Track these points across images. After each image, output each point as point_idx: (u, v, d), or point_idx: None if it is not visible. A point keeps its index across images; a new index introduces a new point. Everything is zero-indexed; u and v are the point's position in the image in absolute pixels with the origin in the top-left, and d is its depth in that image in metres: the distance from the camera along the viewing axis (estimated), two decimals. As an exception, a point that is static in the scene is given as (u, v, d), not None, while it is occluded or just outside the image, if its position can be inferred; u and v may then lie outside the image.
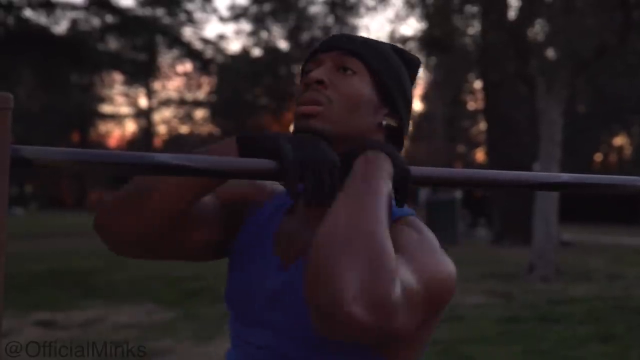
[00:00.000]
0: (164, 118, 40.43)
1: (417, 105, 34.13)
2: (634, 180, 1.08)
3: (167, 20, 27.96)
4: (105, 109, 38.61)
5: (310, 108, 1.04)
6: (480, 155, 33.22)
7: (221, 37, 41.08)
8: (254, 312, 1.07)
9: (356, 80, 1.07)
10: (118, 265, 9.48)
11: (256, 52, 34.16)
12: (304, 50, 31.44)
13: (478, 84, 21.65)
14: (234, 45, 61.94)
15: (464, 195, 18.24)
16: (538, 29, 12.30)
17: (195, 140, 36.85)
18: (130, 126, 48.06)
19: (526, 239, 11.77)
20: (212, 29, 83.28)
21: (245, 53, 34.05)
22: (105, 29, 21.11)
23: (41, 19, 18.58)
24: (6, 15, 16.74)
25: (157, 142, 38.55)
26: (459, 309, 6.52)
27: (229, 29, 70.37)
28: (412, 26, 56.73)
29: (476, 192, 18.81)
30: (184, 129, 40.01)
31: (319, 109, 1.03)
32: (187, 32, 32.32)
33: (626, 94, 22.94)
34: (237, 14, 31.45)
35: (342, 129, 1.04)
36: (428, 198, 17.04)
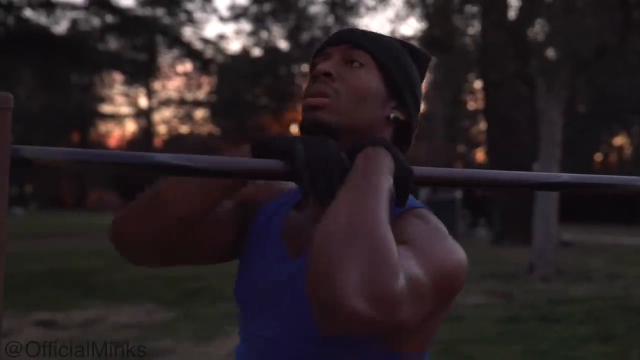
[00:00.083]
0: (164, 118, 40.52)
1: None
2: (634, 180, 1.08)
3: (167, 20, 28.00)
4: (105, 109, 38.70)
5: (317, 100, 1.04)
6: (480, 155, 33.24)
7: (221, 37, 41.25)
8: (261, 305, 1.07)
9: (363, 72, 1.07)
10: (118, 265, 9.47)
11: (256, 52, 34.24)
12: (304, 50, 31.48)
13: (478, 84, 21.65)
14: (234, 45, 62.04)
15: (464, 195, 18.24)
16: (538, 29, 12.30)
17: (195, 140, 36.87)
18: (130, 126, 48.09)
19: (526, 239, 11.76)
20: (212, 29, 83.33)
21: (245, 53, 34.09)
22: (105, 29, 21.12)
23: (41, 19, 18.61)
24: (6, 15, 16.75)
25: (157, 142, 38.59)
26: (459, 309, 6.52)
27: (229, 29, 70.39)
28: (412, 26, 56.84)
29: (476, 192, 18.80)
30: (184, 129, 40.08)
31: (326, 100, 1.04)
32: (187, 32, 32.44)
33: (626, 94, 22.93)
34: (237, 14, 31.50)
35: (349, 121, 1.04)
36: (428, 198, 17.02)
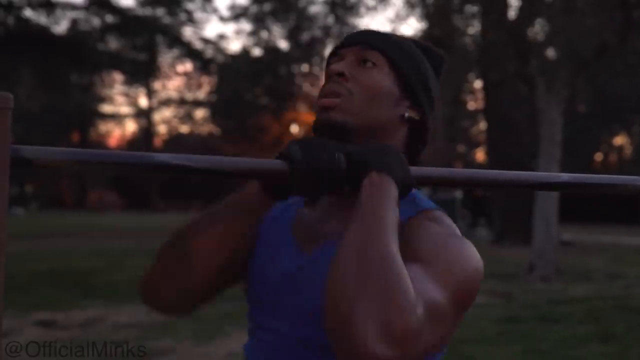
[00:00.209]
0: (164, 118, 40.55)
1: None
2: (634, 180, 1.08)
3: (167, 20, 27.93)
4: (105, 108, 38.74)
5: (329, 100, 1.05)
6: (480, 155, 33.21)
7: (221, 37, 41.15)
8: (270, 297, 1.07)
9: (376, 72, 1.08)
10: (118, 265, 9.48)
11: (256, 52, 34.23)
12: (304, 50, 31.49)
13: (478, 84, 21.62)
14: (234, 45, 62.11)
15: (464, 195, 18.23)
16: (538, 29, 12.30)
17: (195, 140, 36.88)
18: (130, 126, 48.09)
19: (526, 239, 11.76)
20: (212, 28, 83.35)
21: (245, 53, 34.08)
22: (105, 29, 21.07)
23: (41, 19, 18.56)
24: (6, 15, 16.72)
25: (157, 142, 38.61)
26: (459, 309, 6.51)
27: (229, 28, 70.62)
28: (412, 26, 56.64)
29: (476, 192, 18.79)
30: (184, 129, 40.12)
31: (338, 101, 1.04)
32: (187, 32, 32.32)
33: (626, 94, 22.93)
34: (237, 14, 31.45)
35: (363, 121, 1.04)
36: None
